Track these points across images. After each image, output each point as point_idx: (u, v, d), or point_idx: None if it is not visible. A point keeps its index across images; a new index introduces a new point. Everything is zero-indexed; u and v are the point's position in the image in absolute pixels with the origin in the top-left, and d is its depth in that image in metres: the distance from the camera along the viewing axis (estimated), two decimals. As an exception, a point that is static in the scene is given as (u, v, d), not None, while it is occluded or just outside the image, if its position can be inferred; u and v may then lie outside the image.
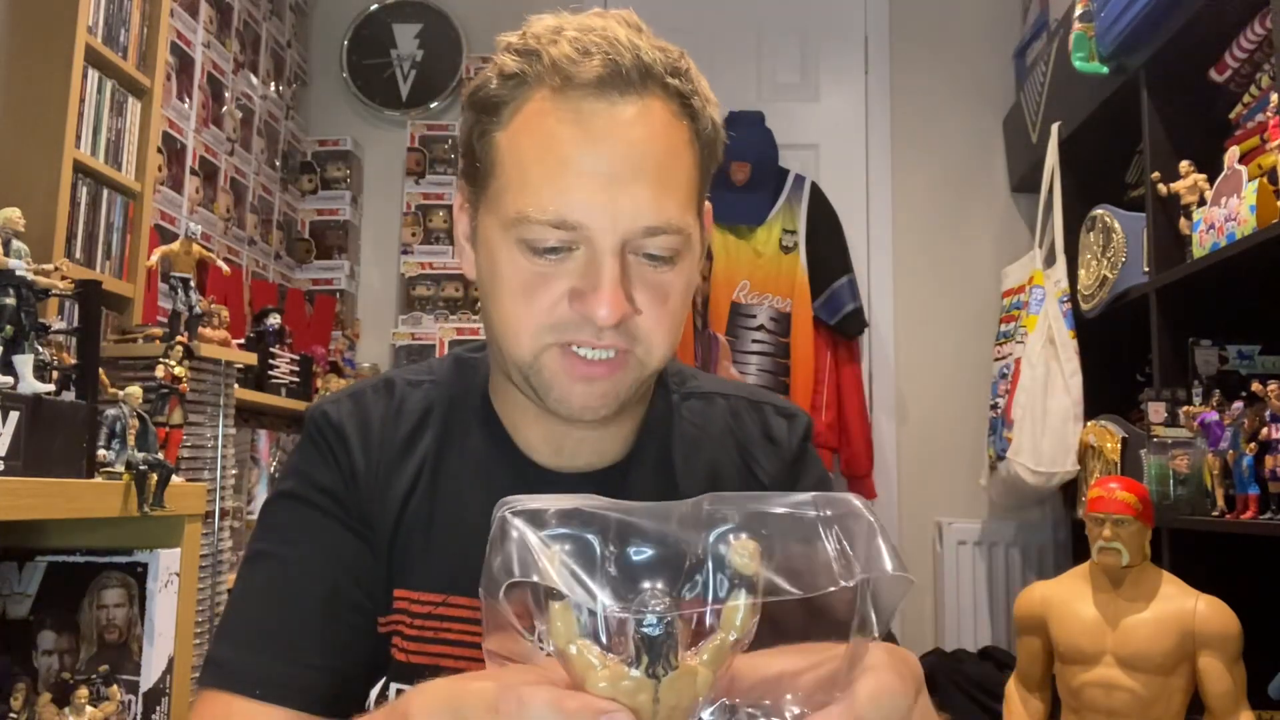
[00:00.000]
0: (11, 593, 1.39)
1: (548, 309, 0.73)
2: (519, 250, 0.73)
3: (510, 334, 0.75)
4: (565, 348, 0.74)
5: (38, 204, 1.83)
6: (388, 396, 0.85)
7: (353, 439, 0.82)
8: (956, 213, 3.28)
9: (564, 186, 0.71)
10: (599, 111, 0.71)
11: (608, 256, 0.71)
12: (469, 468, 0.83)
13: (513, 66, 0.75)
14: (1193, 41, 2.08)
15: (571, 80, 0.72)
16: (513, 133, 0.74)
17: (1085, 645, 1.76)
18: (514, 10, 3.72)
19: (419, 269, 3.26)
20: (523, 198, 0.72)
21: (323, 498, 0.81)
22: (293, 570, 0.79)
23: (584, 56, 0.72)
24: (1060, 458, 2.52)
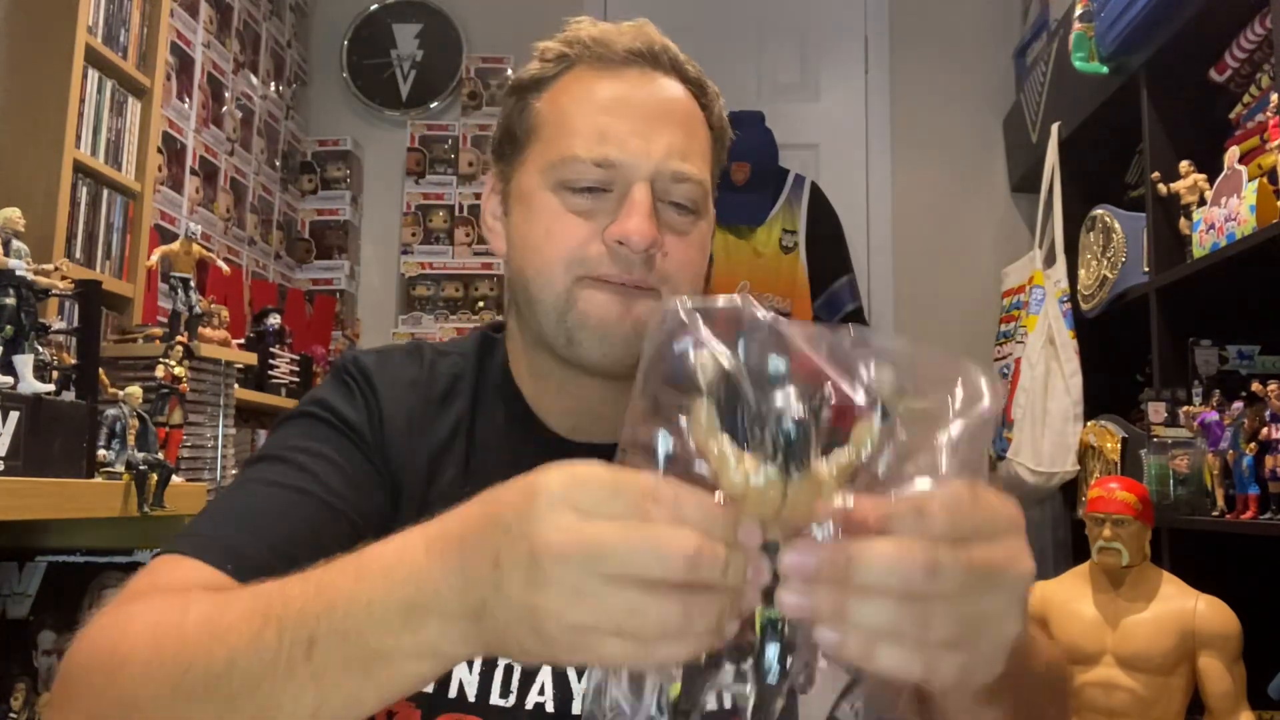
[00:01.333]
0: (11, 593, 1.39)
1: (581, 243, 0.79)
2: (556, 192, 0.80)
3: (545, 270, 0.80)
4: (597, 280, 0.79)
5: (38, 204, 1.83)
6: (418, 359, 0.88)
7: (382, 388, 0.84)
8: (956, 213, 3.28)
9: (603, 127, 0.79)
10: (630, 75, 0.82)
11: (640, 187, 0.79)
12: (494, 438, 0.86)
13: (555, 50, 0.85)
14: (1193, 41, 2.08)
15: (610, 48, 0.83)
16: (553, 95, 0.84)
17: (1085, 645, 1.76)
18: (514, 10, 3.71)
19: (419, 269, 3.26)
20: (563, 140, 0.80)
21: (342, 424, 0.81)
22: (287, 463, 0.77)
23: (619, 35, 0.83)
24: (1060, 458, 2.52)
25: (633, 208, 0.78)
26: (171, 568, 0.70)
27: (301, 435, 0.80)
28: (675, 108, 0.83)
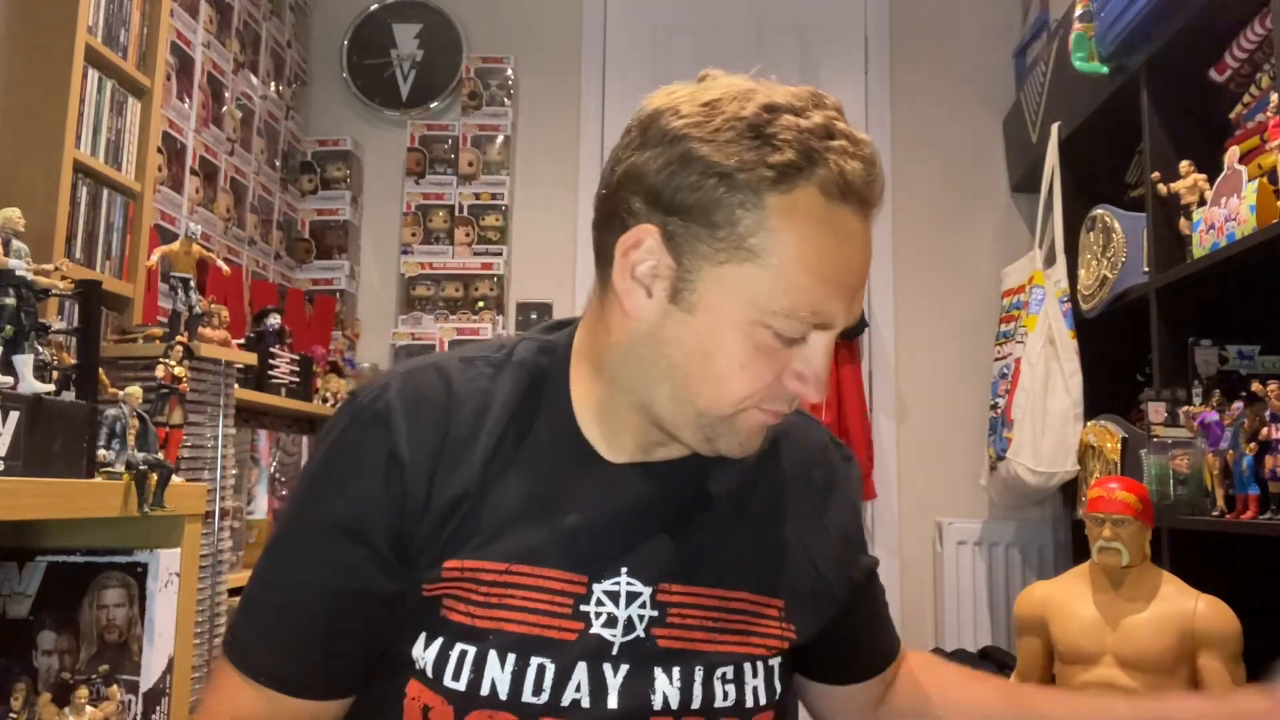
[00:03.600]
0: (11, 593, 1.39)
1: (768, 383, 0.81)
2: (760, 331, 0.79)
3: (721, 399, 0.81)
4: (763, 409, 0.83)
5: (38, 204, 1.83)
6: (442, 382, 0.87)
7: (399, 426, 0.84)
8: (956, 213, 3.28)
9: (831, 293, 0.79)
10: (858, 231, 0.82)
11: (830, 348, 0.82)
12: (536, 453, 0.87)
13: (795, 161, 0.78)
14: (1193, 41, 2.08)
15: (850, 193, 0.80)
16: (780, 221, 0.78)
17: (1085, 645, 1.76)
18: (514, 10, 3.71)
19: (419, 269, 3.26)
20: (792, 295, 0.78)
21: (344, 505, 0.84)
22: (304, 580, 0.85)
23: (868, 175, 0.81)
24: (1060, 458, 2.52)
25: (818, 370, 0.82)
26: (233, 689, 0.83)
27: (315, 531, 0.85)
28: (870, 265, 0.84)
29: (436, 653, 0.82)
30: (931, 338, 3.23)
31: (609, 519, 0.85)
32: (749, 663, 0.86)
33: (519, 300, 3.30)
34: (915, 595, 3.12)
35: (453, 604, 0.82)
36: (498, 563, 0.82)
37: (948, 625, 3.03)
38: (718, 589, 0.86)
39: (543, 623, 0.82)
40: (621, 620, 0.83)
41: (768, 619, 0.88)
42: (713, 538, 0.88)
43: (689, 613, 0.85)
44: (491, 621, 0.81)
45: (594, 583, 0.83)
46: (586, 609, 0.82)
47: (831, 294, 0.79)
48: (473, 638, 0.81)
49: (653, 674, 0.82)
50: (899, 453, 3.19)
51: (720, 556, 0.87)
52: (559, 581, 0.83)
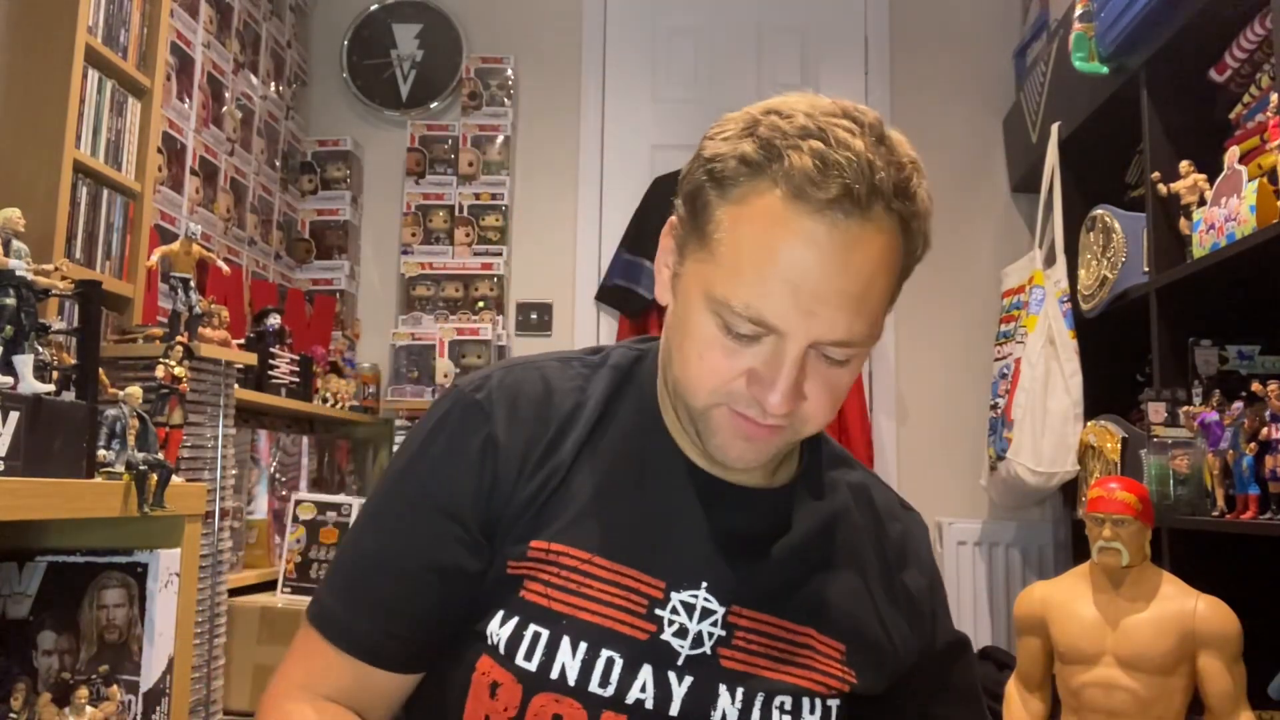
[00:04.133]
0: (11, 593, 1.39)
1: (726, 378, 0.80)
2: (714, 320, 0.79)
3: (688, 384, 0.83)
4: (734, 410, 0.82)
5: (38, 204, 1.83)
6: (541, 378, 0.91)
7: (499, 414, 0.87)
8: (956, 213, 3.28)
9: (769, 292, 0.76)
10: (819, 232, 0.75)
11: (791, 358, 0.78)
12: (624, 446, 0.89)
13: (752, 155, 0.77)
14: (1193, 41, 2.08)
15: (804, 195, 0.75)
16: (736, 216, 0.78)
17: (1085, 645, 1.76)
18: (514, 10, 3.71)
19: (419, 269, 3.26)
20: (730, 286, 0.77)
21: (438, 481, 0.87)
22: (396, 543, 0.87)
23: (821, 176, 0.74)
24: (1060, 458, 2.52)
25: (772, 379, 0.78)
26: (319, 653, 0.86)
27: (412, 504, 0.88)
28: (858, 274, 0.76)
29: (511, 631, 0.83)
30: (931, 338, 3.23)
31: (697, 531, 0.87)
32: (807, 697, 0.86)
33: (519, 300, 3.30)
34: (915, 595, 3.12)
35: (532, 585, 0.84)
36: (581, 550, 0.85)
37: (948, 625, 3.03)
38: (786, 620, 0.87)
39: (617, 616, 0.83)
40: (691, 633, 0.84)
41: (830, 659, 0.89)
42: (788, 571, 0.89)
43: (754, 638, 0.86)
44: (567, 607, 0.83)
45: (672, 590, 0.85)
46: (661, 614, 0.84)
47: (774, 294, 0.76)
48: (547, 620, 0.83)
49: (717, 690, 0.84)
50: (899, 453, 3.19)
51: (792, 590, 0.88)
52: (638, 581, 0.84)
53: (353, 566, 0.89)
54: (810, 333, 0.77)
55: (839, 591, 0.91)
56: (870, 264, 0.77)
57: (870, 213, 0.76)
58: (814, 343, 0.78)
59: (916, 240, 0.82)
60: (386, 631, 0.85)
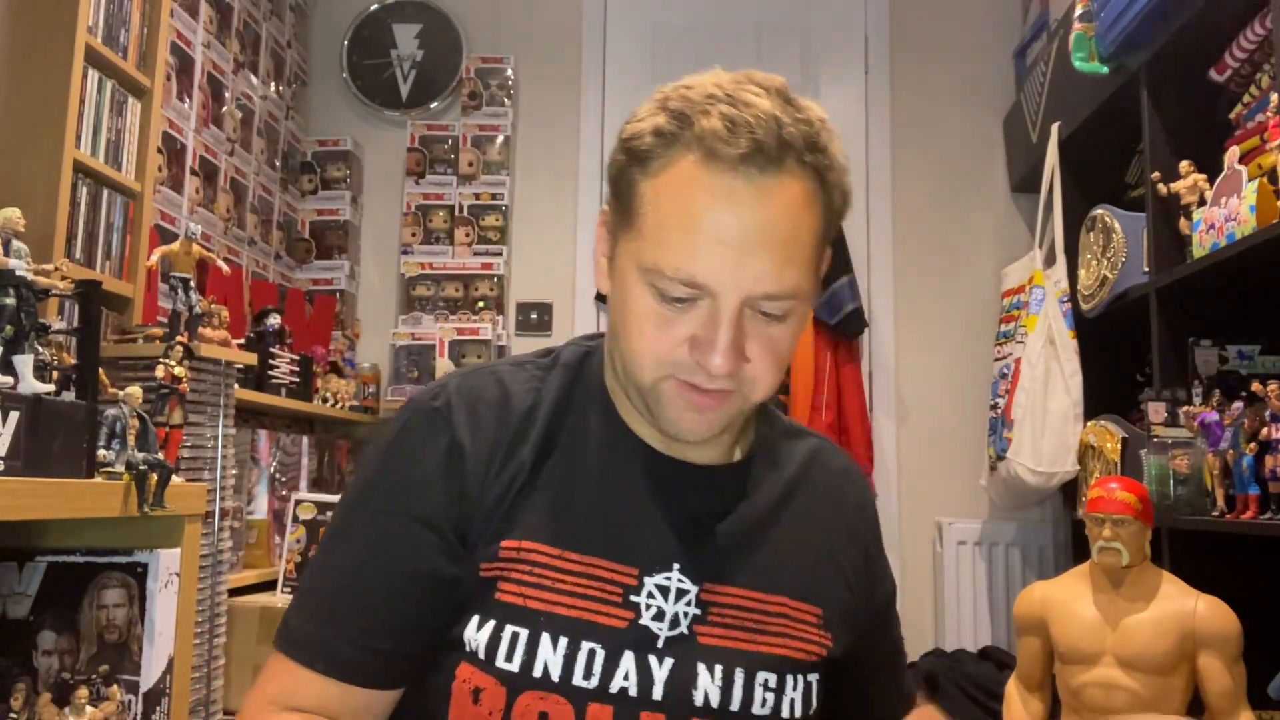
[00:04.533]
0: (11, 593, 1.39)
1: (669, 348, 0.82)
2: (649, 292, 0.81)
3: (634, 360, 0.84)
4: (681, 379, 0.83)
5: (38, 204, 1.83)
6: (496, 382, 0.93)
7: (460, 419, 0.88)
8: (956, 213, 3.28)
9: (695, 251, 0.78)
10: (736, 187, 0.78)
11: (727, 316, 0.80)
12: (584, 440, 0.91)
13: (666, 126, 0.81)
14: (1193, 41, 2.08)
15: (716, 154, 0.78)
16: (657, 187, 0.81)
17: (1085, 645, 1.76)
18: (514, 10, 3.70)
19: (419, 269, 3.26)
20: (658, 252, 0.80)
21: (405, 491, 0.87)
22: (365, 563, 0.86)
23: (731, 134, 0.78)
24: (1060, 458, 2.52)
25: (711, 338, 0.80)
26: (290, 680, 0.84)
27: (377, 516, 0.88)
28: (775, 224, 0.79)
29: (489, 634, 0.83)
30: (931, 338, 3.23)
31: (663, 515, 0.88)
32: (791, 674, 0.87)
33: (519, 300, 3.30)
34: (915, 595, 3.12)
35: (506, 585, 0.85)
36: (551, 546, 0.85)
37: (948, 625, 3.03)
38: (758, 592, 0.88)
39: (593, 608, 0.84)
40: (669, 615, 0.85)
41: (806, 624, 0.90)
42: (754, 543, 0.90)
43: (729, 613, 0.87)
44: (543, 604, 0.84)
45: (645, 575, 0.86)
46: (637, 600, 0.85)
47: (701, 253, 0.78)
48: (524, 619, 0.83)
49: (696, 669, 0.85)
50: (899, 453, 3.19)
51: (761, 562, 0.90)
52: (611, 571, 0.85)
53: (324, 587, 0.88)
54: (741, 287, 0.79)
55: (807, 557, 0.93)
56: (790, 214, 0.80)
57: (783, 165, 0.79)
58: (747, 298, 0.80)
59: (834, 193, 0.84)
60: (365, 647, 0.84)
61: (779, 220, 0.79)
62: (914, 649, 3.00)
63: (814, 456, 0.99)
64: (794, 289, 0.81)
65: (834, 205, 0.84)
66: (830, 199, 0.83)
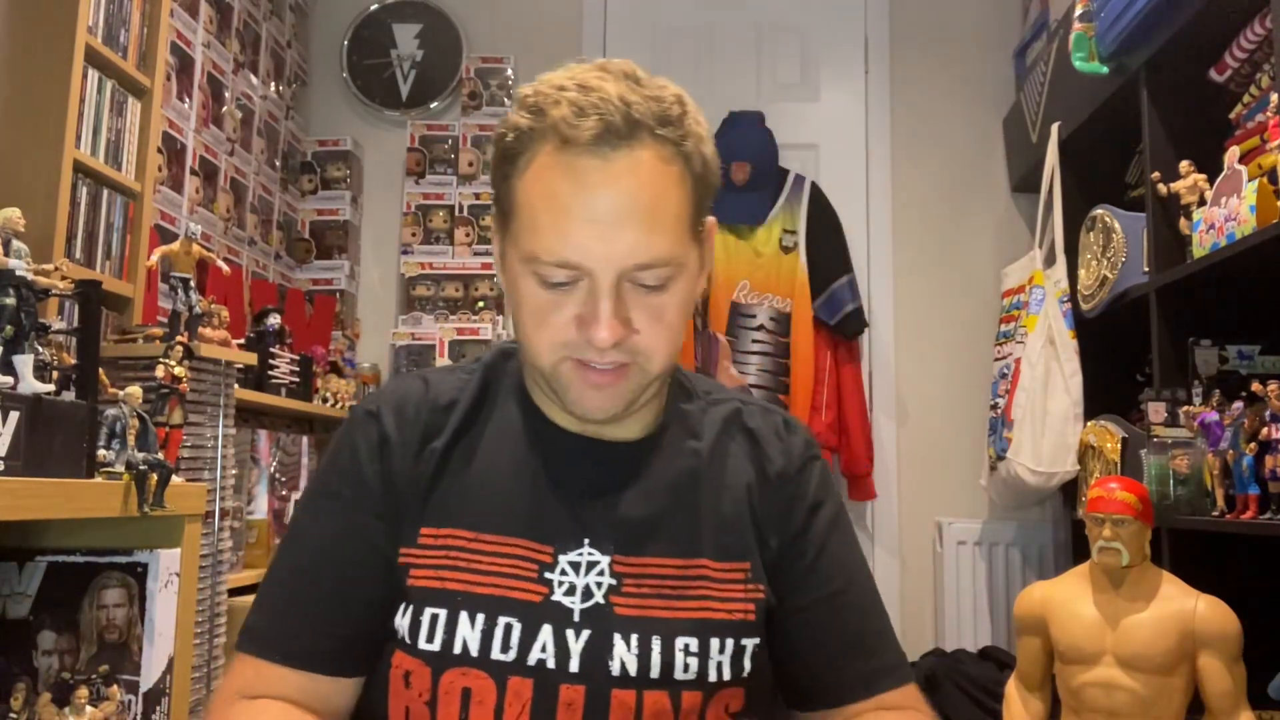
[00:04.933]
0: (11, 593, 1.39)
1: (559, 330, 0.86)
2: (533, 281, 0.85)
3: (532, 348, 0.88)
4: (577, 361, 0.87)
5: (38, 204, 1.83)
6: (423, 382, 0.99)
7: (387, 416, 0.94)
8: (956, 213, 3.28)
9: (565, 233, 0.82)
10: (593, 167, 0.82)
11: (605, 290, 0.83)
12: (500, 431, 0.95)
13: (524, 123, 0.86)
14: (1193, 41, 2.08)
15: (570, 140, 0.82)
16: (525, 182, 0.86)
17: (1085, 645, 1.76)
18: (514, 10, 3.70)
19: (419, 269, 3.26)
20: (533, 241, 0.84)
21: (345, 485, 0.93)
22: (317, 552, 0.92)
23: (579, 118, 0.82)
24: (1060, 458, 2.52)
25: (594, 313, 0.83)
26: (253, 674, 0.87)
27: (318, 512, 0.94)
28: (637, 196, 0.82)
29: (410, 618, 0.87)
30: (931, 338, 3.23)
31: (577, 493, 0.91)
32: (716, 636, 0.88)
33: (519, 300, 3.29)
34: (915, 595, 3.12)
35: (427, 571, 0.89)
36: (467, 530, 0.90)
37: (948, 625, 3.03)
38: (676, 559, 0.90)
39: (509, 584, 0.87)
40: (580, 588, 0.87)
41: (731, 583, 0.91)
42: (670, 512, 0.92)
43: (645, 582, 0.89)
44: (460, 584, 0.87)
45: (560, 554, 0.88)
46: (551, 576, 0.87)
47: (570, 234, 0.82)
48: (442, 600, 0.87)
49: (612, 640, 0.86)
50: (899, 453, 3.19)
51: (677, 529, 0.91)
52: (526, 549, 0.88)
53: (278, 586, 0.92)
54: (613, 261, 0.82)
55: (729, 516, 0.94)
56: (651, 185, 0.83)
57: (637, 141, 0.83)
58: (621, 271, 0.83)
59: (696, 161, 0.87)
60: (321, 634, 0.88)
61: (639, 192, 0.83)
62: (914, 649, 2.99)
63: (734, 417, 1.00)
64: (666, 256, 0.84)
65: (697, 173, 0.87)
66: (694, 166, 0.87)
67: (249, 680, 0.88)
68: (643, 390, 0.90)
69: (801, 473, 0.98)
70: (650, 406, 0.95)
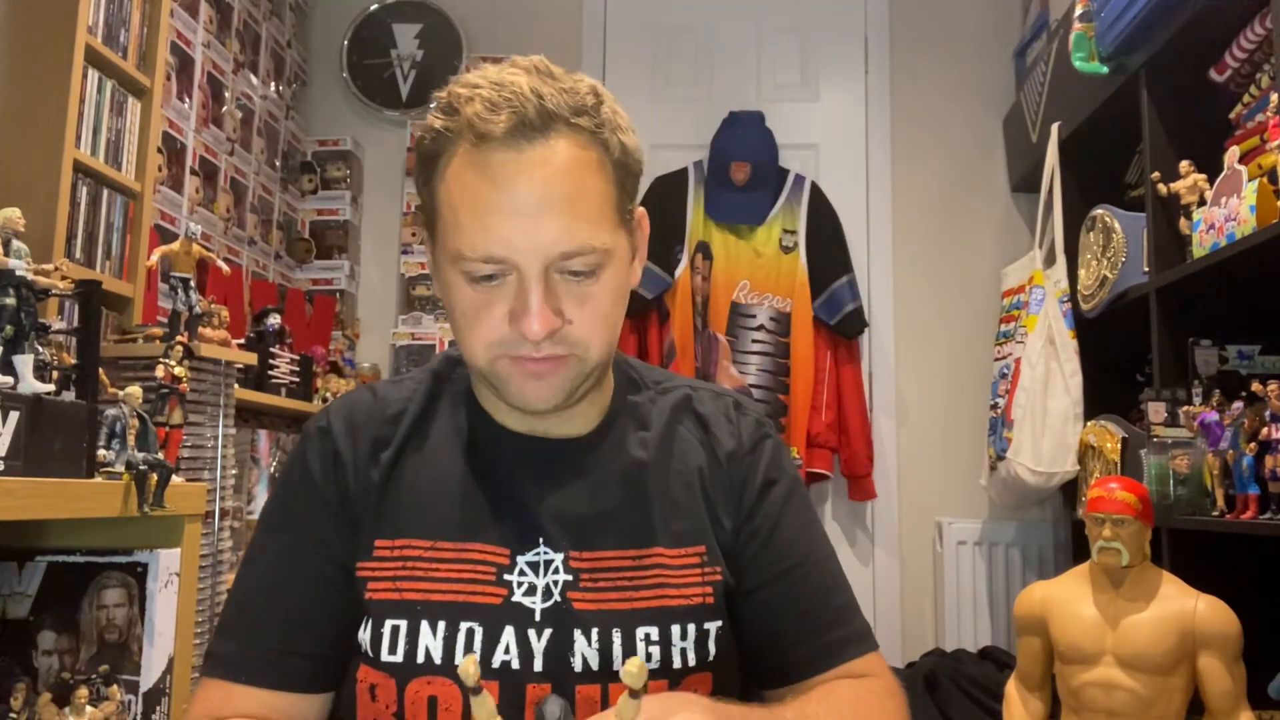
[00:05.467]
0: (11, 593, 1.39)
1: (491, 328, 0.85)
2: (462, 280, 0.85)
3: (468, 349, 0.88)
4: (512, 358, 0.86)
5: (38, 204, 1.83)
6: (371, 394, 0.99)
7: (338, 429, 0.95)
8: (956, 213, 3.28)
9: (486, 227, 0.82)
10: (508, 160, 0.82)
11: (532, 281, 0.83)
12: (449, 435, 0.95)
13: (438, 124, 0.86)
14: (1193, 41, 2.08)
15: (484, 136, 0.82)
16: (445, 184, 0.86)
17: (1085, 645, 1.76)
18: (514, 10, 3.70)
19: (419, 269, 3.26)
20: (458, 239, 0.84)
21: (301, 502, 0.93)
22: (278, 571, 0.91)
23: (492, 113, 0.82)
24: (1060, 458, 2.52)
25: (524, 305, 0.83)
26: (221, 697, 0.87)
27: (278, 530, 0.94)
28: (554, 186, 0.82)
29: (371, 631, 0.87)
30: (931, 338, 3.23)
31: (529, 494, 0.91)
32: (677, 623, 0.88)
33: (519, 300, 3.29)
34: (915, 595, 3.12)
35: (384, 583, 0.88)
36: (423, 540, 0.90)
37: (948, 625, 3.03)
38: (629, 550, 0.90)
39: (468, 590, 0.87)
40: (540, 588, 0.87)
41: (687, 569, 0.91)
42: (620, 504, 0.92)
43: (601, 575, 0.89)
44: (418, 594, 0.87)
45: (517, 555, 0.88)
46: (509, 578, 0.88)
47: (491, 228, 0.82)
48: (401, 612, 0.87)
49: (572, 637, 0.86)
50: (899, 453, 3.19)
51: (629, 520, 0.92)
52: (483, 553, 0.88)
53: (241, 607, 0.92)
54: (538, 251, 0.82)
55: (681, 502, 0.94)
56: (569, 174, 0.83)
57: (551, 132, 0.83)
58: (547, 261, 0.83)
59: (614, 147, 0.87)
60: (287, 652, 0.88)
61: (558, 181, 0.82)
62: (914, 649, 3.00)
63: (683, 404, 1.00)
64: (591, 243, 0.83)
65: (617, 160, 0.87)
66: (613, 154, 0.87)
67: (217, 704, 0.88)
68: (583, 380, 0.89)
69: (752, 452, 0.99)
70: (594, 400, 0.95)
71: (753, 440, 0.99)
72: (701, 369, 3.02)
